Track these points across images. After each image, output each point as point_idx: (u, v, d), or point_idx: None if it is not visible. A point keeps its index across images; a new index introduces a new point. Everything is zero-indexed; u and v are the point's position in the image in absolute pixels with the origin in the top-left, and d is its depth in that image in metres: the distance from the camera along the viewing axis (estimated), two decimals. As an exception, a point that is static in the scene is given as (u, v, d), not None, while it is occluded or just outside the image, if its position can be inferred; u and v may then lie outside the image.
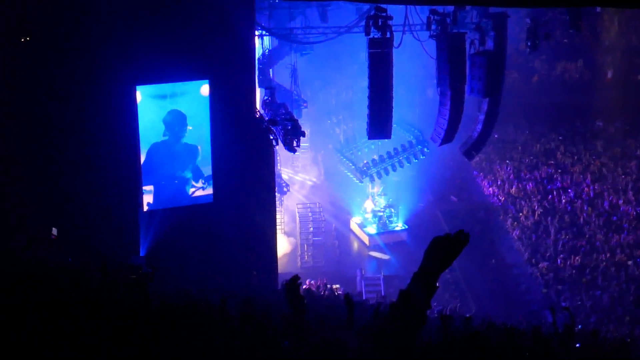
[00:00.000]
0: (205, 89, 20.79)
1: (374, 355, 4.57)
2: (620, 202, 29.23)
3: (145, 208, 20.94)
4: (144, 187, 20.99)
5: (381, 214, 32.59)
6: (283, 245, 30.91)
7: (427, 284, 4.11)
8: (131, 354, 8.14)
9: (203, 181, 21.64)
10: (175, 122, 20.96)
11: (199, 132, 21.28)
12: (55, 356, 6.80)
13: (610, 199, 29.66)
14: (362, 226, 32.92)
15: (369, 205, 33.18)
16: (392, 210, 32.82)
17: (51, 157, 19.14)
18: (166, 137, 20.95)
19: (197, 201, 21.68)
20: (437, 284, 4.11)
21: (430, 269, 4.12)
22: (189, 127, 21.16)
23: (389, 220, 32.60)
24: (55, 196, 19.22)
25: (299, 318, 9.02)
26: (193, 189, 21.65)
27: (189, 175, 21.58)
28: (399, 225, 32.67)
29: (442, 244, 4.13)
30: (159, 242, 20.47)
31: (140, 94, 20.34)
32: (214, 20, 19.61)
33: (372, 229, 32.47)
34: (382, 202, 33.10)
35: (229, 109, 21.09)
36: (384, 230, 32.32)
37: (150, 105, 20.56)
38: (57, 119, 18.93)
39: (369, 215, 32.92)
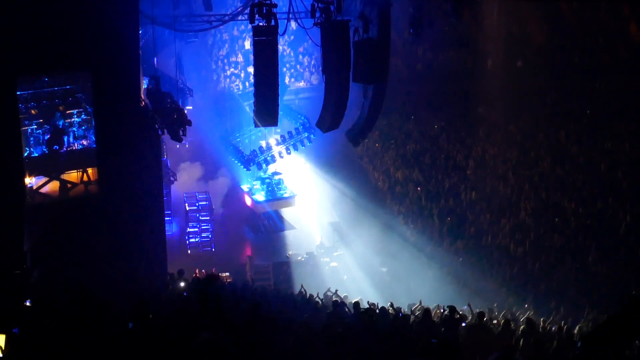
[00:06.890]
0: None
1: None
2: (501, 186, 30.90)
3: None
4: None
5: (269, 181, 34.07)
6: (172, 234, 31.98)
7: None
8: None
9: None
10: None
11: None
12: None
13: (492, 183, 31.41)
14: (250, 194, 34.33)
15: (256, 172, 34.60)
16: (280, 177, 34.41)
17: None
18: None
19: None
20: None
21: None
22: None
23: (277, 187, 34.08)
24: None
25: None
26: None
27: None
28: (287, 192, 34.26)
29: None
30: (45, 236, 20.53)
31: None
32: (95, 9, 19.71)
33: (260, 197, 33.93)
34: (269, 169, 34.59)
35: (113, 99, 21.39)
36: (272, 197, 33.86)
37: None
38: None
39: (257, 183, 34.30)
